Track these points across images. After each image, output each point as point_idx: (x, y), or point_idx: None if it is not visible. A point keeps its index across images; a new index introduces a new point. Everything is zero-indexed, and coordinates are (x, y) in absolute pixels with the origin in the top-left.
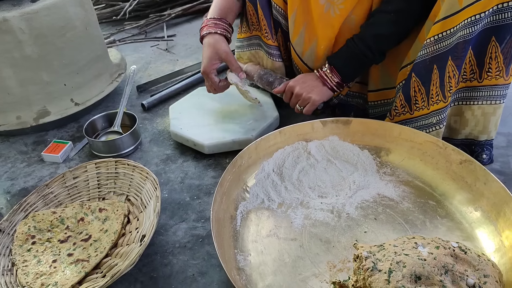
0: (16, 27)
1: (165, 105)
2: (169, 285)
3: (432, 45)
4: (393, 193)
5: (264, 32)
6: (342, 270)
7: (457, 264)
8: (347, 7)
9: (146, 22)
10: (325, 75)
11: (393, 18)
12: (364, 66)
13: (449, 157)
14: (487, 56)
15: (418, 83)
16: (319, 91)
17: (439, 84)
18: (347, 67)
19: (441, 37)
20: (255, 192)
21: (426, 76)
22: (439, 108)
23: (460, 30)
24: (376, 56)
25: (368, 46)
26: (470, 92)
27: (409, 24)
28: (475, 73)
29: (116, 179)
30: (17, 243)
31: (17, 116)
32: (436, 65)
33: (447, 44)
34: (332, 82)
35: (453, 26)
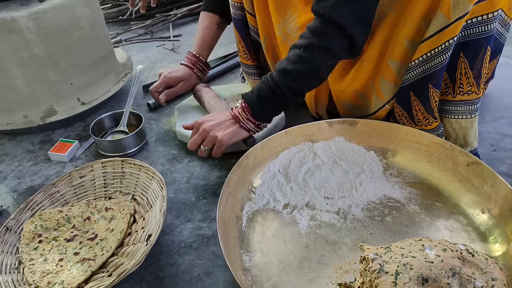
0: (24, 26)
1: (171, 105)
2: (175, 285)
3: (419, 67)
4: (400, 194)
5: (242, 53)
6: (348, 272)
7: (464, 267)
8: None
9: (152, 22)
10: (238, 112)
11: (302, 54)
12: (276, 106)
13: (456, 159)
14: (458, 71)
15: (399, 108)
16: (230, 131)
17: (425, 110)
18: (259, 105)
19: (430, 56)
20: (261, 192)
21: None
22: (434, 127)
23: (434, 58)
24: (286, 94)
25: (276, 83)
26: (446, 106)
27: (320, 62)
28: (449, 88)
29: (122, 179)
30: (24, 241)
31: (24, 115)
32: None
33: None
34: (245, 120)
35: (441, 43)
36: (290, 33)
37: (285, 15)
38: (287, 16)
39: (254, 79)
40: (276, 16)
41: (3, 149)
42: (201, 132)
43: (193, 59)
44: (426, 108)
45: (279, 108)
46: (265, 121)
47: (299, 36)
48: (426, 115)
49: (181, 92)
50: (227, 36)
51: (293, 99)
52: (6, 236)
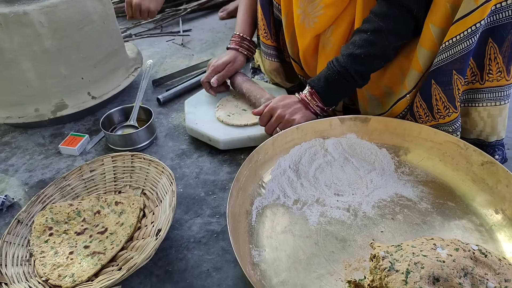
0: (36, 20)
1: (181, 100)
2: (184, 280)
3: (446, 51)
4: (411, 193)
5: (263, 31)
6: (357, 269)
7: (477, 267)
8: (322, 23)
9: (162, 17)
10: (306, 98)
11: (370, 38)
12: (345, 90)
13: (470, 158)
14: (486, 57)
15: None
16: (303, 114)
17: (447, 99)
18: (327, 90)
19: (456, 41)
20: (271, 188)
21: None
22: (453, 119)
23: (461, 43)
24: (355, 78)
25: (344, 68)
26: (473, 94)
27: (387, 44)
28: (477, 75)
29: (132, 173)
30: (35, 234)
31: (36, 108)
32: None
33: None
34: (314, 105)
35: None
36: (310, 12)
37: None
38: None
39: (272, 60)
40: None
41: (14, 142)
42: (276, 117)
43: (237, 40)
44: (447, 96)
45: (347, 91)
46: (332, 105)
47: (363, 20)
48: (447, 104)
49: (229, 74)
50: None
51: (361, 82)
52: (18, 229)
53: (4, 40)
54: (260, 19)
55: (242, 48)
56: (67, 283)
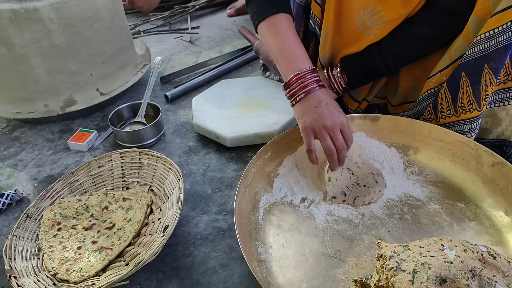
0: (46, 16)
1: (188, 97)
2: (191, 276)
3: (482, 43)
4: (420, 193)
5: None
6: (364, 269)
7: (485, 269)
8: (382, 33)
9: (170, 14)
10: (333, 76)
11: (416, 41)
12: (374, 78)
13: (480, 159)
14: None
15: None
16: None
17: (472, 93)
18: (358, 74)
19: (493, 34)
20: (278, 185)
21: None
22: (473, 117)
23: (498, 36)
24: (390, 71)
25: (384, 62)
26: (504, 94)
27: (430, 49)
28: (510, 75)
29: (140, 169)
30: (44, 229)
31: (45, 104)
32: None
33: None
34: (339, 85)
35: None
36: (371, 25)
37: (367, 7)
38: (369, 9)
39: None
40: (358, 7)
41: (24, 137)
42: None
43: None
44: (474, 91)
45: (374, 79)
46: (354, 88)
47: (411, 20)
48: (472, 99)
49: None
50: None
51: (393, 73)
52: (27, 223)
53: (15, 36)
54: None
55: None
56: (75, 277)
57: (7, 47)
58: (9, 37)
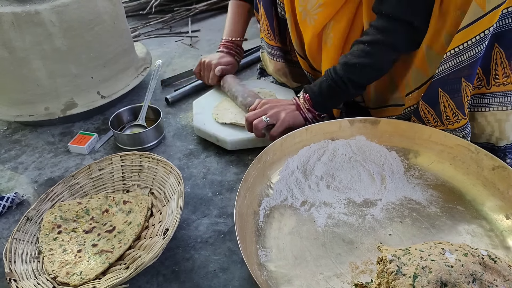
0: (47, 19)
1: (189, 100)
2: (191, 280)
3: (452, 59)
4: (421, 196)
5: (266, 32)
6: (364, 272)
7: (486, 273)
8: (321, 20)
9: (171, 17)
10: (300, 101)
11: (367, 49)
12: (337, 97)
13: (481, 162)
14: (492, 62)
15: (425, 106)
16: (292, 114)
17: (455, 106)
18: (320, 95)
19: (462, 48)
20: (279, 188)
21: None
22: (462, 125)
23: (468, 50)
24: (348, 86)
25: (339, 76)
26: (479, 99)
27: (385, 57)
28: (482, 80)
29: (140, 172)
30: (44, 231)
31: (46, 107)
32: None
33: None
34: (305, 109)
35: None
36: (310, 9)
37: None
38: None
39: (276, 60)
40: None
41: (24, 140)
42: (265, 108)
43: (229, 45)
44: (456, 103)
45: (339, 99)
46: (324, 112)
47: (363, 33)
48: (456, 110)
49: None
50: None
51: (354, 91)
52: (27, 226)
53: (16, 39)
54: (263, 20)
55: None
56: (75, 280)
57: (8, 50)
58: (10, 40)
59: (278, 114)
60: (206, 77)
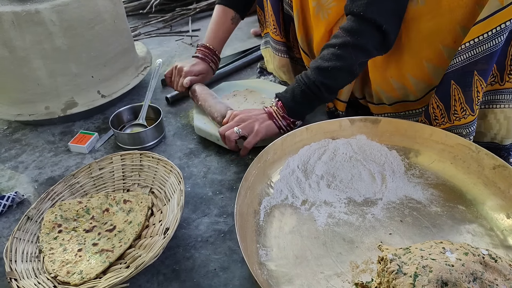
0: (48, 18)
1: (189, 99)
2: (191, 279)
3: (468, 51)
4: (421, 195)
5: (272, 27)
6: (365, 271)
7: (486, 272)
8: (335, 14)
9: (171, 16)
10: (273, 110)
11: (337, 52)
12: (310, 102)
13: (481, 162)
14: (508, 58)
15: (436, 99)
16: (265, 124)
17: (465, 100)
18: (293, 101)
19: (478, 41)
20: (279, 188)
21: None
22: (468, 122)
23: (485, 43)
24: (321, 90)
25: (311, 80)
26: (492, 96)
27: (354, 59)
28: (496, 77)
29: (141, 172)
30: (44, 231)
31: (46, 106)
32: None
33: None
34: (278, 116)
35: (494, 26)
36: (324, 4)
37: None
38: None
39: (282, 56)
40: None
41: (25, 139)
42: (237, 120)
43: (207, 52)
44: (466, 98)
45: (313, 105)
46: (298, 118)
47: (333, 35)
48: (465, 105)
49: (201, 82)
50: (245, 31)
51: (327, 95)
52: (27, 225)
53: (16, 38)
54: (270, 15)
55: (212, 62)
56: (76, 280)
57: (8, 49)
58: (10, 39)
59: (251, 125)
60: (175, 83)
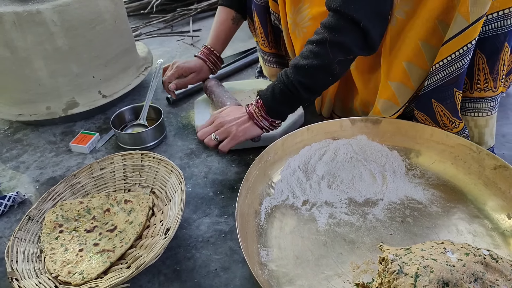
0: (49, 19)
1: (190, 99)
2: (192, 279)
3: (441, 71)
4: (422, 196)
5: (261, 39)
6: (366, 272)
7: (487, 273)
8: (310, 33)
9: (172, 17)
10: (253, 109)
11: (315, 49)
12: (290, 102)
13: (482, 162)
14: (475, 67)
15: (422, 114)
16: (245, 127)
17: (451, 114)
18: (273, 101)
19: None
20: (280, 188)
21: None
22: (460, 129)
23: (456, 62)
24: (299, 90)
25: (289, 78)
26: (464, 103)
27: (332, 57)
28: (467, 84)
29: (142, 172)
30: (45, 231)
31: (47, 106)
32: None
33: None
34: (259, 117)
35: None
36: (300, 23)
37: (298, 4)
38: (300, 5)
39: (271, 66)
40: (289, 4)
41: (26, 139)
42: (216, 125)
43: (206, 52)
44: (451, 112)
45: (293, 105)
46: (279, 119)
47: (314, 32)
48: (452, 118)
49: (190, 83)
50: (246, 31)
51: (307, 95)
52: (29, 225)
53: (18, 38)
54: (258, 27)
55: (208, 61)
56: (77, 280)
57: (10, 50)
58: (12, 40)
59: (229, 129)
60: (166, 76)
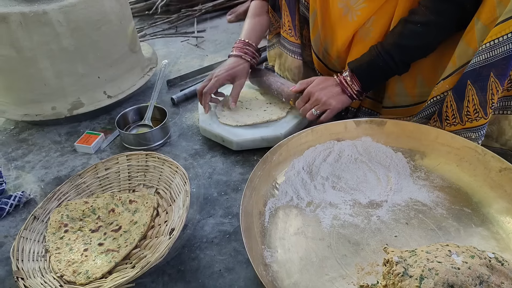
0: (55, 19)
1: (194, 100)
2: (196, 279)
3: (487, 51)
4: (427, 198)
5: (287, 28)
6: (370, 274)
7: (493, 276)
8: (364, 15)
9: (177, 17)
10: (345, 81)
11: (419, 30)
12: (385, 76)
13: (488, 164)
14: None
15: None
16: (339, 99)
17: (479, 102)
18: (368, 75)
19: (498, 42)
20: (284, 189)
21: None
22: (480, 125)
23: (503, 45)
24: (399, 66)
25: (391, 56)
26: (508, 102)
27: (436, 37)
28: None
29: (146, 172)
30: (51, 230)
31: (52, 106)
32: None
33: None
34: (353, 90)
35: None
36: (353, 5)
37: None
38: None
39: (295, 57)
40: None
41: (31, 139)
42: (313, 101)
43: (240, 45)
44: (480, 100)
45: (386, 77)
46: (369, 90)
47: (410, 11)
48: (478, 107)
49: (238, 90)
50: None
51: (403, 70)
52: (34, 225)
53: (24, 38)
54: (285, 15)
55: (245, 54)
56: (81, 279)
57: (16, 49)
58: (18, 40)
59: (328, 102)
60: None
